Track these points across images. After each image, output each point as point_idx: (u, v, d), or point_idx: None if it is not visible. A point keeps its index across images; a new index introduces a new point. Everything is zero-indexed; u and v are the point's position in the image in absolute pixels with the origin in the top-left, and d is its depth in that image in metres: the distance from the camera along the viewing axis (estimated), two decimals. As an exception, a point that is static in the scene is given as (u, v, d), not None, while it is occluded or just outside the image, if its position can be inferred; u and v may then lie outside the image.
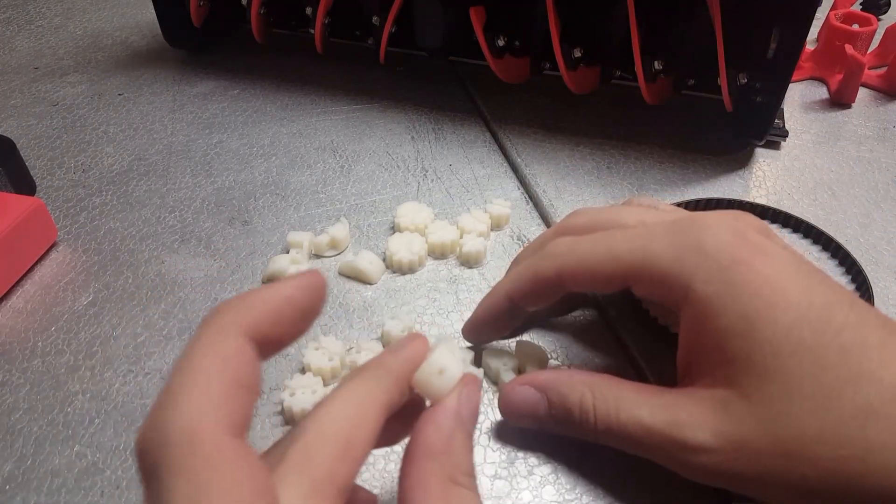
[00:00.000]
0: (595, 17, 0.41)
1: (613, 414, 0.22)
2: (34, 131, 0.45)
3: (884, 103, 0.48)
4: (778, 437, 0.19)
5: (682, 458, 0.21)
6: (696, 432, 0.21)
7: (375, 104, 0.48)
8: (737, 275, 0.21)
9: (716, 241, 0.22)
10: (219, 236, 0.36)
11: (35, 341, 0.30)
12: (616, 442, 0.23)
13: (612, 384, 0.23)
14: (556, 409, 0.24)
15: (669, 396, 0.22)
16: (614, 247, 0.24)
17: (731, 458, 0.20)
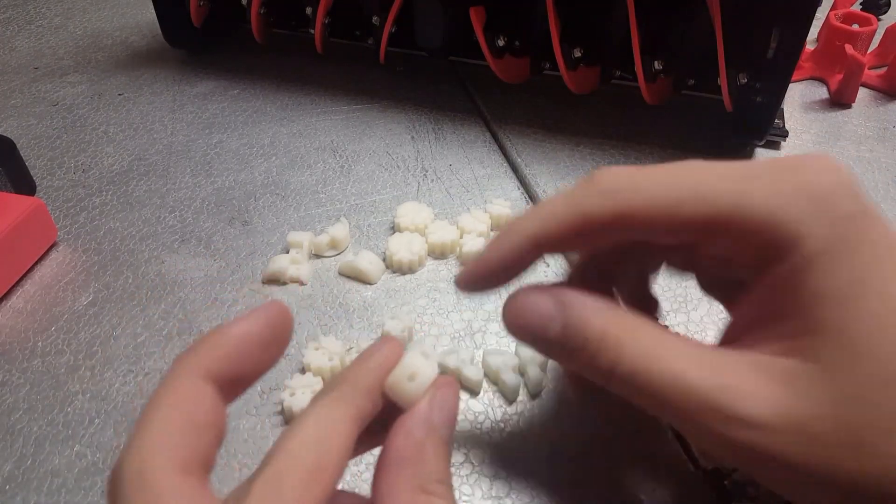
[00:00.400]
0: (595, 17, 0.41)
1: (642, 358, 0.18)
2: (34, 131, 0.45)
3: (884, 103, 0.48)
4: (851, 423, 0.16)
5: (724, 430, 0.17)
6: (750, 403, 0.17)
7: (375, 104, 0.48)
8: (853, 230, 0.17)
9: (834, 186, 0.18)
10: (219, 236, 0.36)
11: (35, 341, 0.30)
12: (636, 395, 0.18)
13: (651, 327, 0.19)
14: (572, 332, 0.19)
15: (721, 355, 0.18)
16: (700, 184, 0.18)
17: (787, 440, 0.17)
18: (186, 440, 0.15)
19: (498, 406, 0.27)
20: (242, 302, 0.32)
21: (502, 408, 0.27)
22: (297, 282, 0.33)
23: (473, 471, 0.25)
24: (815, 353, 0.17)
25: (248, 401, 0.27)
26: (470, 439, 0.26)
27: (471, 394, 0.27)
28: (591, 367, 0.19)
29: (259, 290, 0.33)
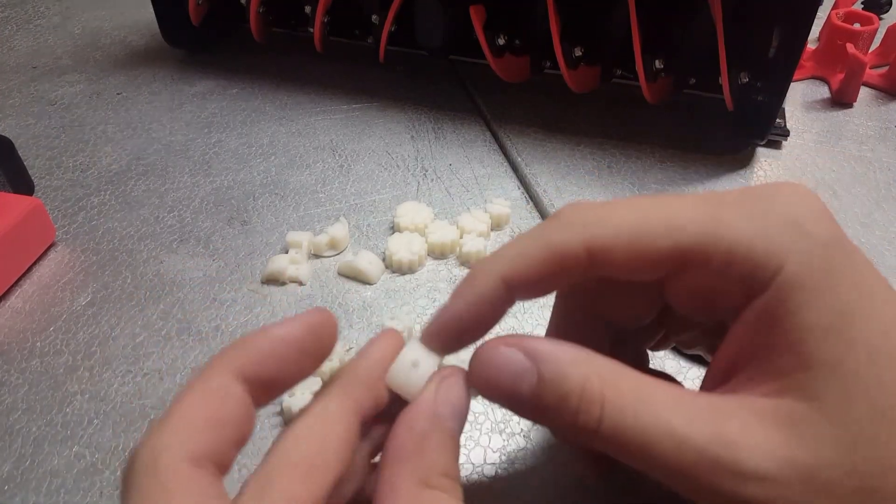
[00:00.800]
0: (596, 16, 0.41)
1: (630, 413, 0.16)
2: (32, 131, 0.45)
3: (885, 103, 0.48)
4: (858, 468, 0.15)
5: (726, 485, 0.16)
6: (752, 455, 0.16)
7: (375, 103, 0.48)
8: (835, 257, 0.16)
9: (811, 213, 0.17)
10: (218, 236, 0.36)
11: (34, 341, 0.30)
12: (624, 451, 0.17)
13: (633, 375, 0.17)
14: (548, 389, 0.17)
15: (713, 401, 0.17)
16: (673, 214, 0.18)
17: (794, 491, 0.15)
18: (205, 434, 0.15)
19: (498, 407, 0.27)
20: (241, 302, 0.32)
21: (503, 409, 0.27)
22: (296, 282, 0.33)
23: (474, 471, 0.25)
24: (811, 391, 0.16)
25: (247, 401, 0.27)
26: (470, 439, 0.26)
27: (471, 394, 0.27)
28: (572, 426, 0.17)
29: (258, 290, 0.32)
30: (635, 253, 0.18)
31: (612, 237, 0.18)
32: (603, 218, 0.18)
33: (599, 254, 0.18)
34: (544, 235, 0.18)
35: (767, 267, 0.17)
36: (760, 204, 0.17)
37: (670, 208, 0.18)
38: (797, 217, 0.17)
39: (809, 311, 0.16)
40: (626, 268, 0.18)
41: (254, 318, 0.31)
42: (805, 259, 0.16)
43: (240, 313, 0.31)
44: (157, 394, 0.27)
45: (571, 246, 0.18)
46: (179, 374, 0.28)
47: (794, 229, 0.17)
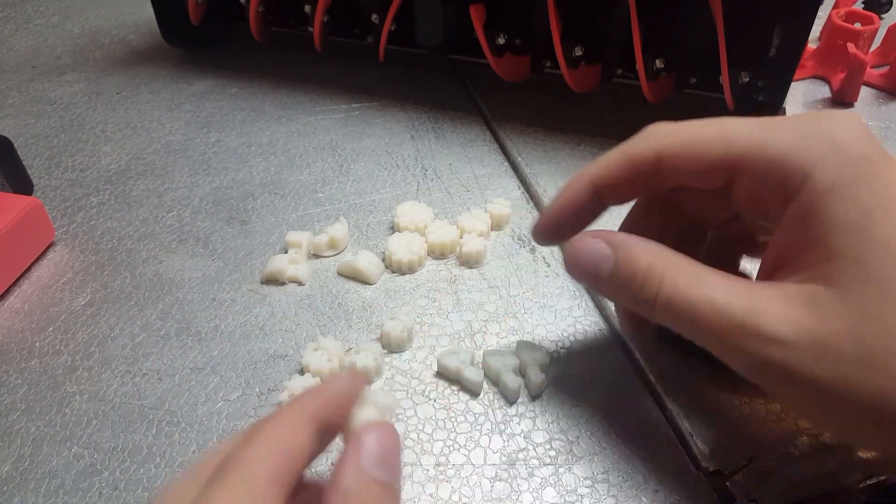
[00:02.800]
0: (596, 15, 0.41)
1: (683, 287, 0.20)
2: (32, 130, 0.45)
3: (886, 102, 0.48)
4: (867, 342, 0.18)
5: (751, 347, 0.19)
6: (774, 322, 0.19)
7: (375, 103, 0.47)
8: (863, 169, 0.19)
9: (849, 132, 0.20)
10: (217, 236, 0.36)
11: (32, 342, 0.30)
12: (675, 319, 0.21)
13: (691, 262, 0.21)
14: (622, 268, 0.22)
15: (752, 285, 0.20)
16: (728, 128, 0.21)
17: (806, 356, 0.18)
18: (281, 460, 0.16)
19: (498, 407, 0.27)
20: (241, 302, 0.32)
21: (502, 409, 0.27)
22: (295, 282, 0.33)
23: (474, 472, 0.25)
24: (833, 278, 0.19)
25: (246, 402, 0.27)
26: (470, 440, 0.26)
27: (471, 395, 0.27)
28: (638, 298, 0.21)
29: (257, 290, 0.32)
30: (694, 159, 0.21)
31: (676, 146, 0.22)
32: (672, 132, 0.22)
33: (666, 159, 0.22)
34: (624, 147, 0.23)
35: (800, 173, 0.20)
36: (804, 123, 0.20)
37: (728, 125, 0.21)
38: (832, 134, 0.20)
39: (835, 212, 0.19)
40: (687, 171, 0.22)
41: (253, 318, 0.31)
42: (832, 168, 0.19)
43: (239, 313, 0.31)
44: (155, 394, 0.27)
45: (644, 153, 0.22)
46: (178, 375, 0.28)
47: (827, 143, 0.20)
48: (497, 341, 0.30)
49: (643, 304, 0.21)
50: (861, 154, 0.20)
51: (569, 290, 0.32)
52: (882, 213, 0.19)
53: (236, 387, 0.28)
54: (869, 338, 0.18)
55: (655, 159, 0.22)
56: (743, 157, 0.21)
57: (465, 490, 0.24)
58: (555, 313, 0.31)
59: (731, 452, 0.25)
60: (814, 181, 0.19)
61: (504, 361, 0.27)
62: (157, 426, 0.26)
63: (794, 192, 0.20)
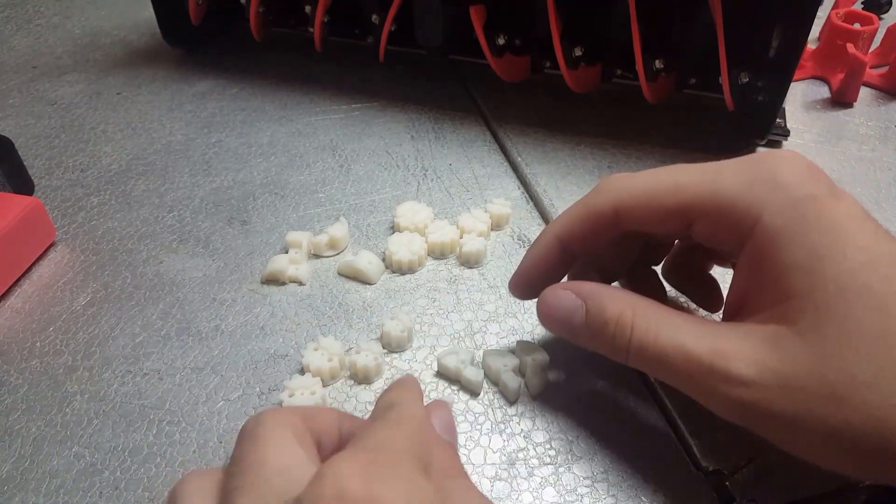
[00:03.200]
0: (596, 16, 0.41)
1: (652, 334, 0.21)
2: (32, 130, 0.45)
3: (885, 103, 0.48)
4: (827, 378, 0.19)
5: (720, 389, 0.20)
6: (739, 364, 0.20)
7: (375, 103, 0.47)
8: (810, 210, 0.20)
9: (791, 173, 0.21)
10: (217, 236, 0.36)
11: (33, 342, 0.30)
12: (648, 364, 0.22)
13: (658, 308, 0.22)
14: (593, 319, 0.23)
15: (716, 327, 0.21)
16: (679, 177, 0.23)
17: (773, 394, 0.19)
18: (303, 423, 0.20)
19: (498, 407, 0.27)
20: (241, 302, 0.32)
21: (503, 409, 0.27)
22: (295, 282, 0.33)
23: (474, 472, 0.25)
24: (791, 318, 0.20)
25: (246, 401, 0.27)
26: (470, 440, 0.26)
27: (471, 395, 0.27)
28: (611, 346, 0.22)
29: (258, 290, 0.32)
30: (649, 209, 0.23)
31: (632, 199, 0.23)
32: (626, 185, 0.24)
33: (623, 212, 0.23)
34: (584, 202, 0.25)
35: (749, 217, 0.21)
36: (750, 167, 0.22)
37: (678, 174, 0.23)
38: (779, 177, 0.21)
39: (785, 253, 0.20)
40: (643, 221, 0.23)
41: (253, 318, 0.31)
42: (780, 210, 0.20)
43: (239, 313, 0.31)
44: (156, 394, 0.27)
45: (602, 207, 0.24)
46: (179, 375, 0.28)
47: (773, 186, 0.21)
48: (497, 341, 0.30)
49: (617, 351, 0.22)
50: (805, 194, 0.20)
51: (569, 290, 0.32)
52: (829, 253, 0.19)
53: (237, 386, 0.28)
54: (830, 373, 0.19)
55: (613, 212, 0.23)
56: (694, 206, 0.22)
57: (465, 489, 0.24)
58: (555, 313, 0.31)
59: (731, 452, 0.25)
60: (763, 225, 0.20)
61: (504, 361, 0.27)
62: (158, 426, 0.26)
63: (748, 235, 0.21)
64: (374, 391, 0.28)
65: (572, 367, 0.28)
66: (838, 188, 0.21)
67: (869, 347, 0.18)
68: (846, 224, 0.20)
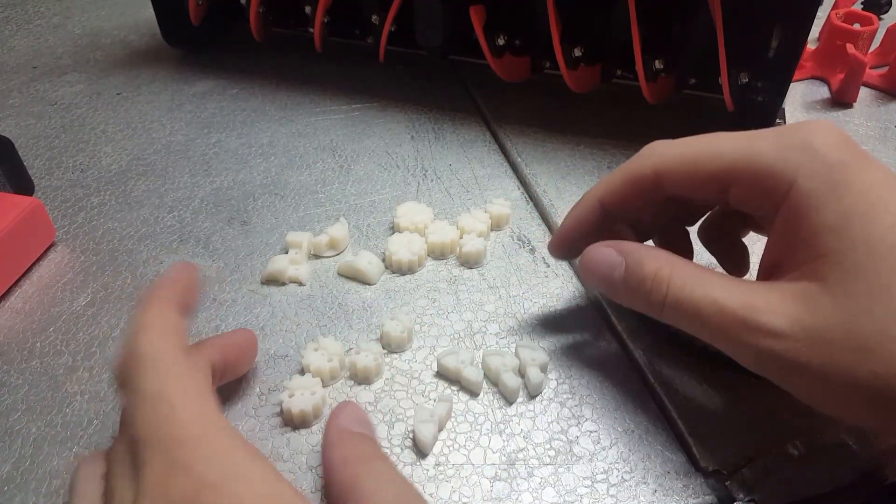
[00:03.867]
0: (596, 16, 0.41)
1: (688, 289, 0.22)
2: (32, 131, 0.45)
3: (885, 103, 0.48)
4: (855, 331, 0.19)
5: (750, 340, 0.21)
6: (770, 317, 0.21)
7: (375, 103, 0.47)
8: (842, 174, 0.21)
9: (825, 140, 0.22)
10: (217, 236, 0.36)
11: (33, 342, 0.30)
12: (682, 318, 0.23)
13: (694, 266, 0.23)
14: (631, 274, 0.24)
15: (749, 284, 0.22)
16: (718, 144, 0.24)
17: (802, 346, 0.20)
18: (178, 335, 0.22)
19: (498, 407, 0.27)
20: (241, 302, 0.32)
21: (502, 409, 0.27)
22: (296, 282, 0.33)
23: (474, 472, 0.25)
24: (822, 275, 0.21)
25: (246, 402, 0.27)
26: (470, 440, 0.26)
27: (471, 395, 0.27)
28: (647, 301, 0.23)
29: (258, 290, 0.32)
30: (689, 174, 0.24)
31: (672, 163, 0.24)
32: (668, 150, 0.25)
33: (664, 175, 0.24)
34: (625, 166, 0.26)
35: (784, 182, 0.22)
36: (786, 135, 0.22)
37: (718, 140, 0.24)
38: (812, 143, 0.22)
39: (818, 215, 0.21)
40: (684, 185, 0.24)
41: (253, 318, 0.31)
42: (813, 174, 0.21)
43: (239, 314, 0.31)
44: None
45: (644, 171, 0.25)
46: (179, 375, 0.28)
47: (807, 152, 0.22)
48: (497, 341, 0.30)
49: (654, 305, 0.23)
50: (838, 160, 0.21)
51: (569, 291, 0.32)
52: (860, 215, 0.20)
53: (237, 387, 0.28)
54: (857, 327, 0.19)
55: (655, 176, 0.25)
56: (733, 170, 0.23)
57: (464, 490, 0.24)
58: (555, 313, 0.31)
59: (730, 452, 0.25)
60: (797, 188, 0.21)
61: (504, 361, 0.27)
62: (158, 426, 0.26)
63: (782, 199, 0.22)
64: (374, 391, 0.28)
65: (572, 368, 0.28)
66: (872, 157, 0.22)
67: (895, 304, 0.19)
68: (877, 189, 0.21)
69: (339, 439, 0.23)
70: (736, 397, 0.27)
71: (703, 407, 0.26)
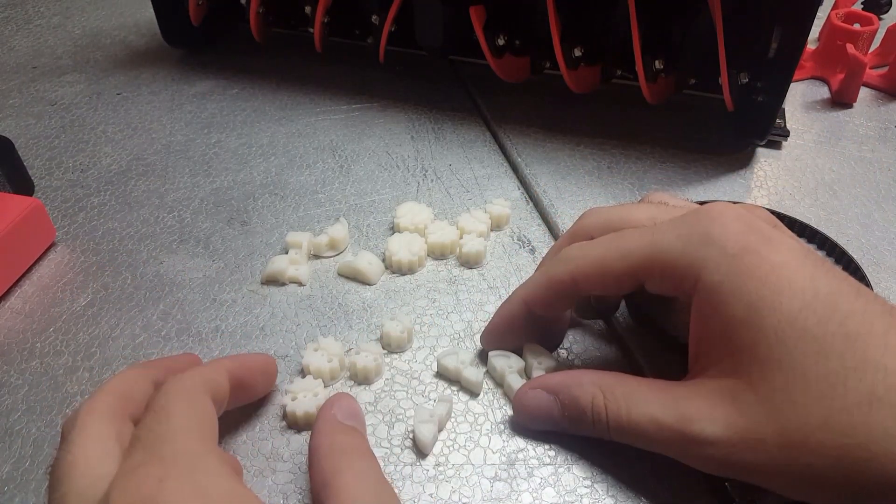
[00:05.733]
0: (596, 16, 0.41)
1: (624, 412, 0.23)
2: (32, 131, 0.45)
3: (885, 103, 0.48)
4: (783, 426, 0.20)
5: (693, 451, 0.21)
6: (704, 425, 0.21)
7: (375, 104, 0.47)
8: (744, 263, 0.21)
9: (723, 230, 0.22)
10: (217, 237, 0.36)
11: (33, 342, 0.30)
12: (629, 439, 0.23)
13: (622, 382, 0.24)
14: (570, 410, 0.24)
15: (679, 390, 0.23)
16: (624, 245, 0.24)
17: (739, 449, 0.20)
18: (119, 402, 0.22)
19: (498, 408, 0.27)
20: (241, 303, 0.32)
21: (502, 409, 0.27)
22: (296, 282, 0.33)
23: (474, 472, 0.25)
24: (743, 371, 0.21)
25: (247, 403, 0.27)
26: (470, 440, 0.26)
27: (471, 395, 0.27)
28: (593, 431, 0.24)
29: (258, 290, 0.32)
30: (601, 276, 0.25)
31: (586, 267, 0.25)
32: (582, 254, 0.25)
33: (580, 279, 0.25)
34: (546, 270, 0.26)
35: (689, 276, 0.22)
36: (687, 228, 0.23)
37: (624, 241, 0.24)
38: (711, 234, 0.22)
39: (727, 308, 0.21)
40: (598, 286, 0.25)
41: (253, 318, 0.31)
42: (717, 267, 0.21)
43: (239, 314, 0.31)
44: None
45: (562, 277, 0.26)
46: (179, 375, 0.28)
47: (708, 244, 0.22)
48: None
49: (600, 433, 0.24)
50: (740, 247, 0.21)
51: (568, 291, 0.32)
52: (767, 304, 0.20)
53: (237, 387, 0.28)
54: (785, 422, 0.20)
55: (572, 281, 0.25)
56: (641, 268, 0.23)
57: (464, 490, 0.24)
58: (554, 314, 0.31)
59: (730, 452, 0.25)
60: (703, 282, 0.22)
61: (509, 363, 0.27)
62: (158, 426, 0.26)
63: (692, 292, 0.22)
64: (374, 392, 0.28)
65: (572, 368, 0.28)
66: (778, 237, 0.22)
67: (815, 391, 0.19)
68: (781, 271, 0.21)
69: (329, 428, 0.23)
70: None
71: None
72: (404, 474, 0.25)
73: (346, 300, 0.32)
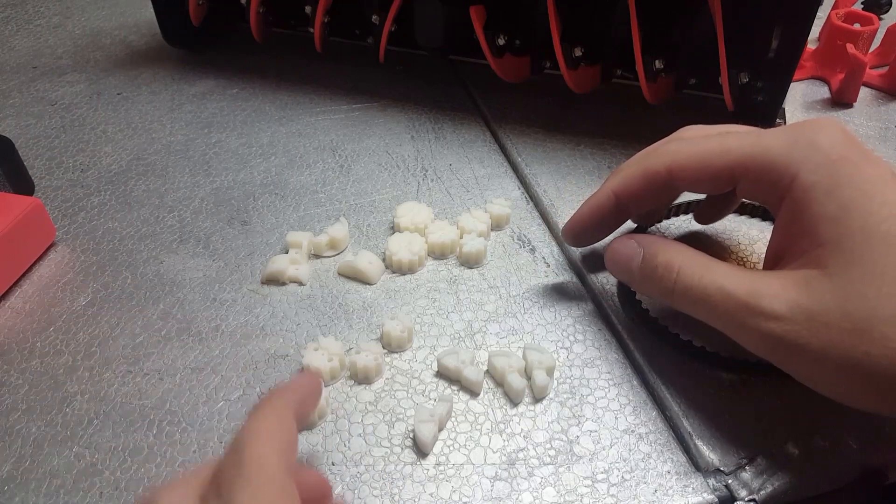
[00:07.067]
0: (596, 16, 0.41)
1: (696, 276, 0.24)
2: (33, 131, 0.45)
3: (885, 103, 0.48)
4: (851, 314, 0.21)
5: (754, 324, 0.22)
6: (772, 301, 0.22)
7: (375, 103, 0.47)
8: (842, 169, 0.22)
9: (829, 138, 0.23)
10: (218, 236, 0.36)
11: (33, 342, 0.30)
12: (691, 303, 0.25)
13: (703, 256, 0.25)
14: (646, 262, 0.26)
15: (754, 272, 0.24)
16: (727, 142, 0.25)
17: (801, 328, 0.21)
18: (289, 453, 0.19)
19: (498, 407, 0.27)
20: (241, 302, 0.32)
21: (503, 409, 0.27)
22: (296, 282, 0.33)
23: (474, 471, 0.25)
24: (821, 263, 0.22)
25: (247, 402, 0.27)
26: (470, 440, 0.26)
27: (471, 395, 0.27)
28: (659, 287, 0.26)
29: (258, 290, 0.32)
30: (699, 170, 0.25)
31: (684, 160, 0.26)
32: (680, 148, 0.26)
33: (677, 172, 0.26)
34: (641, 161, 0.27)
35: (788, 175, 0.23)
36: (791, 132, 0.24)
37: (726, 138, 0.25)
38: (816, 140, 0.23)
39: (818, 206, 0.23)
40: (695, 181, 0.26)
41: (254, 318, 0.31)
42: (816, 168, 0.23)
43: (240, 314, 0.31)
44: (156, 394, 0.27)
45: (657, 168, 0.26)
46: (179, 375, 0.28)
47: (811, 148, 0.23)
48: (497, 341, 0.30)
49: (665, 291, 0.25)
50: (839, 156, 0.23)
51: (569, 291, 0.32)
52: (858, 206, 0.22)
53: (237, 387, 0.28)
54: (852, 310, 0.21)
55: (667, 172, 0.26)
56: (740, 166, 0.25)
57: (465, 489, 0.24)
58: (555, 313, 0.31)
59: (731, 452, 0.25)
60: (800, 181, 0.23)
61: (510, 363, 0.27)
62: (158, 426, 0.26)
63: (786, 192, 0.24)
64: (375, 391, 0.28)
65: (572, 367, 0.28)
66: (873, 154, 0.23)
67: (889, 288, 0.21)
68: (875, 183, 0.22)
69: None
70: (736, 397, 0.27)
71: (703, 407, 0.26)
72: (404, 474, 0.25)
73: (346, 300, 0.32)
